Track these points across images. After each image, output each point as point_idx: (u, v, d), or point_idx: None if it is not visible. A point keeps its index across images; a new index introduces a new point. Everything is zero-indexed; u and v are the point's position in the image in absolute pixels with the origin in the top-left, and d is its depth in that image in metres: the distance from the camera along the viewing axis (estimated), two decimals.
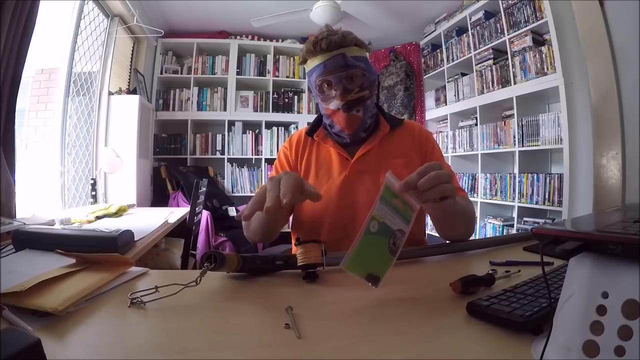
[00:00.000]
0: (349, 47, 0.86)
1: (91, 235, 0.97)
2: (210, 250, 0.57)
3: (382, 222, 0.51)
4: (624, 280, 0.30)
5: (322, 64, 0.85)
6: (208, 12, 3.35)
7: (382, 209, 0.51)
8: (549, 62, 2.38)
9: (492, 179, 2.91)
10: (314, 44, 0.86)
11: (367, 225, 0.50)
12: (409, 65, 3.76)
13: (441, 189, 0.55)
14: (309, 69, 0.89)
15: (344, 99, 0.85)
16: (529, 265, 0.65)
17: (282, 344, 0.41)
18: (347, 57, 0.85)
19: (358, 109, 0.87)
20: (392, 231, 0.53)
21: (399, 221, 0.54)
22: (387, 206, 0.52)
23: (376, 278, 0.52)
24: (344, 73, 0.85)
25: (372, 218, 0.50)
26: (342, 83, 0.85)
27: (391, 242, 0.53)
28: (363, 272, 0.52)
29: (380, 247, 0.52)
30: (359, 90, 0.87)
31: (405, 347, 0.40)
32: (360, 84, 0.87)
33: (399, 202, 0.54)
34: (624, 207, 0.77)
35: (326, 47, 0.85)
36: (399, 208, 0.53)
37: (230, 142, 3.63)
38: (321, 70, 0.86)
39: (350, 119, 0.87)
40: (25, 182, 1.83)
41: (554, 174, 2.41)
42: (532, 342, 0.38)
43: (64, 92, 2.21)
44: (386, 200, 0.52)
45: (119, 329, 0.46)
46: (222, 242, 2.85)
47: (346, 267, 0.50)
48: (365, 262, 0.51)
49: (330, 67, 0.85)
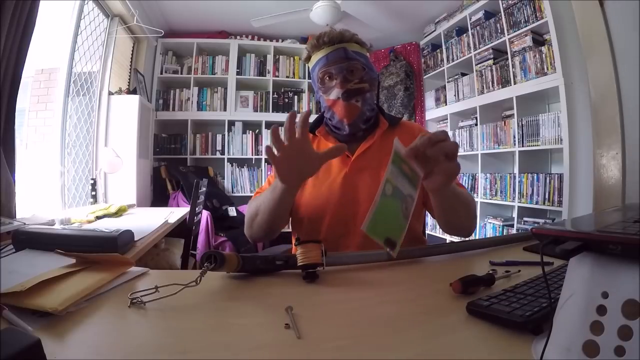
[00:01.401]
0: (350, 43, 0.91)
1: (91, 235, 0.97)
2: (210, 250, 0.57)
3: (395, 186, 0.52)
4: (624, 280, 0.30)
5: (324, 56, 0.90)
6: (208, 12, 3.35)
7: (393, 172, 0.52)
8: (549, 62, 2.38)
9: (492, 179, 2.91)
10: (317, 38, 0.92)
11: (383, 187, 0.50)
12: (409, 65, 3.76)
13: (443, 147, 0.57)
14: (312, 63, 0.94)
15: (344, 87, 0.88)
16: (529, 265, 0.65)
17: (282, 344, 0.41)
18: (348, 51, 0.90)
19: (357, 99, 0.90)
20: (404, 195, 0.54)
21: (408, 186, 0.55)
22: (397, 169, 0.53)
23: (393, 243, 0.51)
24: (345, 64, 0.89)
25: (387, 181, 0.51)
26: (343, 73, 0.89)
27: (404, 206, 0.53)
28: (382, 236, 0.51)
29: (395, 210, 0.52)
30: (358, 81, 0.90)
31: (405, 347, 0.40)
32: (360, 76, 0.90)
33: (407, 168, 0.55)
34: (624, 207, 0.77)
35: (328, 40, 0.90)
36: (407, 173, 0.55)
37: (230, 142, 3.63)
38: (323, 63, 0.90)
39: (349, 108, 0.89)
40: (25, 182, 1.83)
41: (554, 174, 2.40)
42: (532, 342, 0.38)
43: (64, 92, 2.21)
44: (396, 164, 0.53)
45: (119, 329, 0.46)
46: (222, 242, 2.85)
47: (367, 229, 0.49)
48: (383, 225, 0.51)
49: (332, 58, 0.89)
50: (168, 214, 1.95)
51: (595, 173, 1.28)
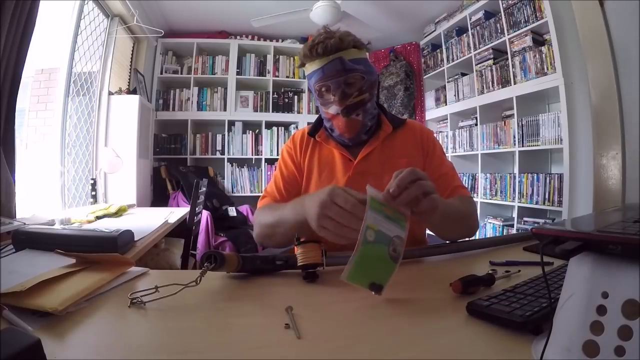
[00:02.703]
0: (347, 50, 0.84)
1: (91, 235, 0.96)
2: (210, 250, 0.57)
3: (378, 230, 0.51)
4: (624, 280, 0.30)
5: (319, 69, 0.84)
6: (208, 12, 3.35)
7: (374, 217, 0.51)
8: (549, 62, 2.38)
9: (492, 179, 2.91)
10: (310, 49, 0.85)
11: (364, 235, 0.50)
12: (409, 65, 3.76)
13: (419, 187, 0.56)
14: (308, 72, 0.88)
15: (343, 104, 0.85)
16: (529, 265, 0.65)
17: (282, 344, 0.41)
18: (345, 61, 0.83)
19: (357, 113, 0.87)
20: (390, 238, 0.53)
21: (394, 227, 0.53)
22: (378, 214, 0.52)
23: (379, 287, 0.52)
24: (342, 78, 0.83)
25: (367, 227, 0.50)
26: (341, 88, 0.84)
27: (391, 249, 0.53)
28: (365, 282, 0.51)
29: (380, 255, 0.52)
30: (358, 94, 0.86)
31: (405, 347, 0.40)
32: (359, 87, 0.86)
33: (388, 210, 0.54)
34: (624, 207, 0.77)
35: (322, 52, 0.83)
36: (390, 215, 0.54)
37: (230, 142, 3.63)
38: (319, 76, 0.85)
39: (349, 124, 0.87)
40: (25, 182, 1.83)
41: (554, 174, 2.40)
42: (532, 342, 0.38)
43: (64, 92, 2.21)
44: (376, 209, 0.52)
45: (119, 329, 0.46)
46: (222, 242, 2.85)
47: (347, 278, 0.50)
48: (367, 272, 0.51)
49: (328, 72, 0.83)
50: (168, 214, 1.95)
51: (595, 173, 1.28)
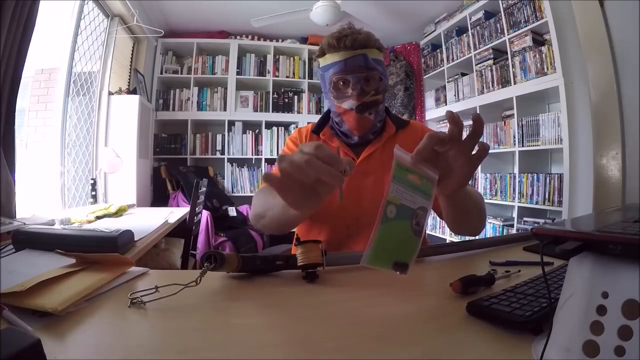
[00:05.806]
0: (372, 49, 0.85)
1: (91, 235, 0.96)
2: (210, 250, 0.57)
3: (400, 204, 0.46)
4: (624, 280, 0.30)
5: (342, 61, 0.83)
6: (208, 12, 3.35)
7: (397, 189, 0.45)
8: (549, 62, 2.38)
9: (492, 179, 2.91)
10: (337, 39, 0.84)
11: (384, 212, 0.44)
12: (409, 65, 3.76)
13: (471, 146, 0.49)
14: (327, 63, 0.87)
15: (360, 100, 0.84)
16: (529, 265, 0.65)
17: (282, 344, 0.41)
18: (369, 59, 0.84)
19: (370, 112, 0.87)
20: (413, 211, 0.47)
21: (419, 198, 0.48)
22: (402, 185, 0.46)
23: (404, 265, 0.47)
24: (363, 74, 0.84)
25: (388, 202, 0.44)
26: (360, 84, 0.84)
27: (414, 222, 0.47)
28: (388, 263, 0.46)
29: (402, 231, 0.47)
30: (374, 93, 0.86)
31: (405, 347, 0.40)
32: (376, 87, 0.86)
33: (414, 177, 0.48)
34: (624, 207, 0.77)
35: (350, 45, 0.83)
36: (416, 184, 0.48)
37: (230, 142, 3.63)
38: (341, 68, 0.84)
39: (361, 121, 0.86)
40: (25, 182, 1.83)
41: (554, 174, 2.40)
42: (532, 342, 0.38)
43: (64, 92, 2.21)
44: (400, 178, 0.46)
45: (119, 329, 0.46)
46: (222, 242, 2.85)
47: (368, 262, 0.44)
48: (389, 252, 0.46)
49: (350, 65, 0.83)
50: (168, 214, 1.95)
51: (595, 173, 1.28)
